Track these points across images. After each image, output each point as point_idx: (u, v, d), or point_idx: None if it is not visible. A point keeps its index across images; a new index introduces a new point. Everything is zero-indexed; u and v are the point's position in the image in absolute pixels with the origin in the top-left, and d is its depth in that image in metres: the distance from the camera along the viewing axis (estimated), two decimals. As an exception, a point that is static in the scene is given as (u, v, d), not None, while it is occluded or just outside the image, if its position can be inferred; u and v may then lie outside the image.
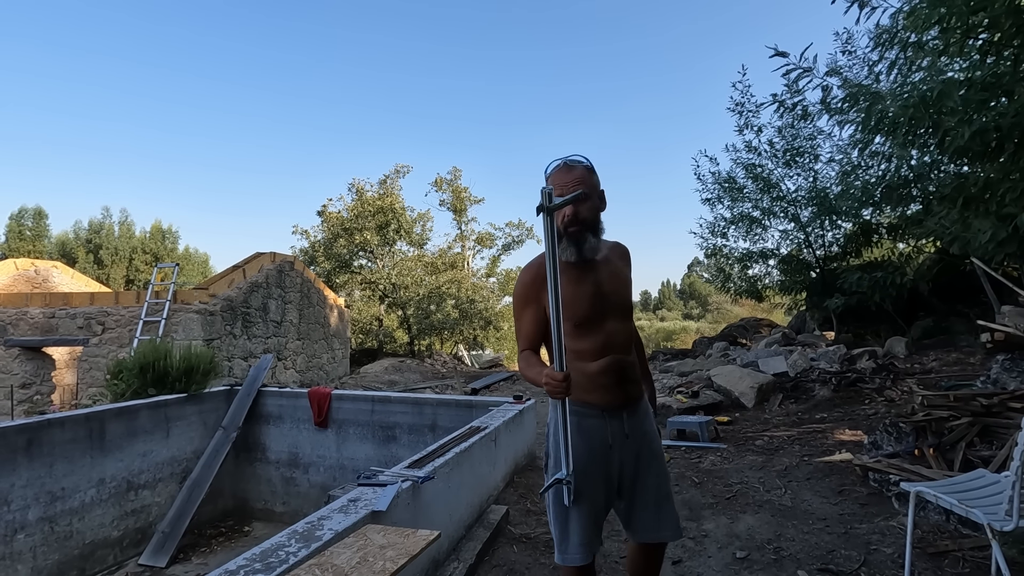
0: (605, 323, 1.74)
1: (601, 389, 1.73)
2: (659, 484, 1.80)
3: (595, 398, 1.74)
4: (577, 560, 1.71)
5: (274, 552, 1.85)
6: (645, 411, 1.85)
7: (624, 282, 1.79)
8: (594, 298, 1.73)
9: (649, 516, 1.78)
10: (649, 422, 1.84)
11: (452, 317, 17.48)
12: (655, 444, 1.83)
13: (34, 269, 11.85)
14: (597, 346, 1.72)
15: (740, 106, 9.96)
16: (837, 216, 9.53)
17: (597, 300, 1.73)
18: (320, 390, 5.24)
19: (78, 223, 29.91)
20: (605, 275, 1.76)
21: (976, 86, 4.06)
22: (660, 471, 1.81)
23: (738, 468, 4.32)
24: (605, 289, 1.74)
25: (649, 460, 1.80)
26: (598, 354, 1.73)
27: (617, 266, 1.80)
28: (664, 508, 1.79)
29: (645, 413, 1.84)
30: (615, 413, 1.74)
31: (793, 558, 2.83)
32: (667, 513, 1.80)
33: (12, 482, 3.66)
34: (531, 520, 3.46)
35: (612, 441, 1.74)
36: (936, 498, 2.26)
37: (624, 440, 1.75)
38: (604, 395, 1.73)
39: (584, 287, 1.73)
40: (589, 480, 1.71)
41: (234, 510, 5.37)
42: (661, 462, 1.83)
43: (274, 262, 10.57)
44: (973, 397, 3.82)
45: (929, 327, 8.40)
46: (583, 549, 1.71)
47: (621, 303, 1.76)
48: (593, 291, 1.73)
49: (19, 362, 8.41)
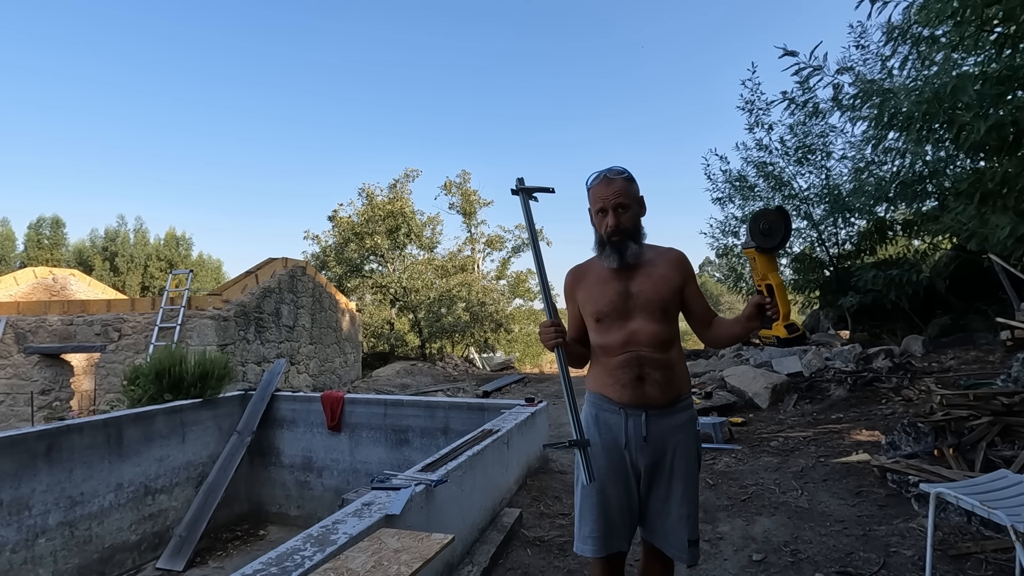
0: (629, 321, 1.74)
1: (618, 385, 1.74)
2: (677, 506, 1.71)
3: (612, 393, 1.76)
4: (585, 550, 1.74)
5: (290, 556, 1.86)
6: (678, 423, 1.74)
7: (660, 284, 1.75)
8: (615, 296, 1.75)
9: (662, 522, 1.74)
10: (682, 437, 1.74)
11: (463, 320, 17.52)
12: (684, 463, 1.73)
13: (52, 277, 12.06)
14: (618, 343, 1.74)
15: (750, 104, 9.91)
16: (850, 213, 9.43)
17: (620, 298, 1.75)
18: (333, 394, 5.27)
19: (94, 231, 30.35)
20: (641, 276, 1.76)
21: (991, 80, 4.00)
22: (684, 496, 1.71)
23: (753, 470, 4.27)
24: (632, 289, 1.75)
25: (670, 476, 1.72)
26: (618, 350, 1.74)
27: (658, 269, 1.77)
28: (679, 526, 1.71)
29: (677, 426, 1.74)
30: (633, 412, 1.73)
31: (811, 561, 2.79)
32: (680, 531, 1.71)
33: (33, 487, 3.71)
34: (544, 523, 3.45)
35: (627, 440, 1.72)
36: (957, 499, 2.22)
37: (642, 443, 1.72)
38: (621, 391, 1.74)
39: (609, 285, 1.78)
40: (601, 474, 1.73)
41: (249, 514, 5.41)
42: (687, 485, 1.73)
43: (286, 267, 10.66)
44: (993, 396, 3.75)
45: (947, 325, 8.28)
46: (592, 541, 1.73)
47: (649, 303, 1.73)
48: (617, 289, 1.76)
49: (39, 369, 8.56)
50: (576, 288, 1.86)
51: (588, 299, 1.81)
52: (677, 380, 1.76)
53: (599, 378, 1.81)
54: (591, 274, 1.84)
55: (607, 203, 1.74)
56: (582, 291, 1.85)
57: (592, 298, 1.79)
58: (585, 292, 1.83)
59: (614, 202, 1.73)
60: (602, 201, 1.75)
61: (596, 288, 1.79)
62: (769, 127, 9.95)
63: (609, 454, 1.75)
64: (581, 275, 1.87)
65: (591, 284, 1.82)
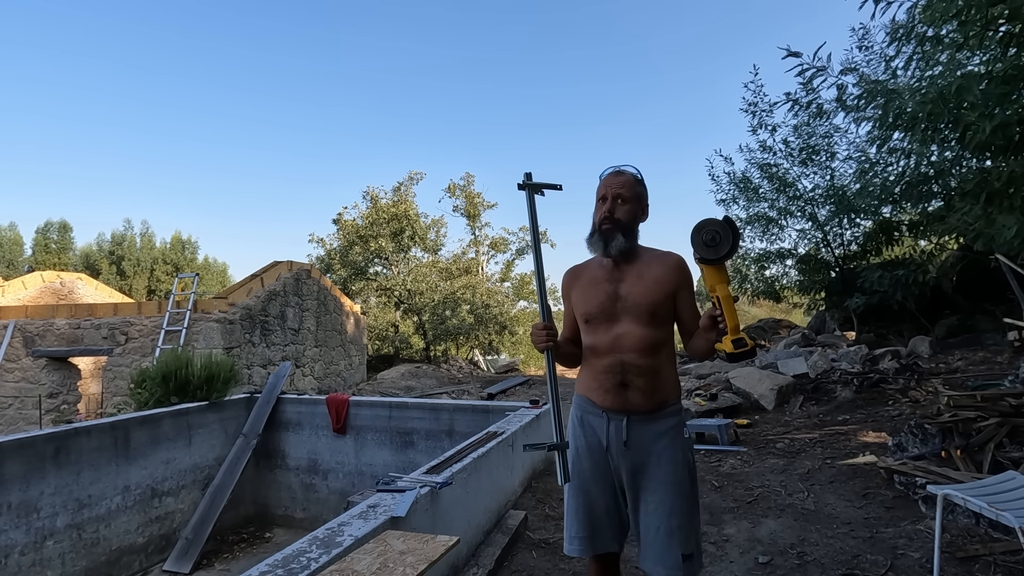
0: (615, 324, 1.73)
1: (601, 389, 1.75)
2: (664, 517, 1.64)
3: (596, 397, 1.77)
4: (572, 551, 1.76)
5: (296, 558, 1.87)
6: (661, 430, 1.70)
7: (651, 287, 1.72)
8: (604, 298, 1.75)
9: (649, 537, 1.67)
10: (666, 443, 1.69)
11: (467, 322, 17.53)
12: (669, 471, 1.67)
13: (60, 281, 12.15)
14: (604, 345, 1.74)
15: (753, 106, 9.87)
16: (856, 214, 9.38)
17: (608, 301, 1.75)
18: (338, 397, 5.29)
19: (101, 235, 30.63)
20: (631, 278, 1.75)
21: (997, 79, 3.98)
22: (672, 506, 1.64)
23: (759, 471, 4.26)
24: (622, 291, 1.74)
25: (654, 485, 1.67)
26: (604, 353, 1.75)
27: (653, 271, 1.74)
28: (669, 540, 1.63)
29: (660, 432, 1.70)
30: (615, 416, 1.73)
31: (817, 563, 2.78)
32: (669, 545, 1.62)
33: (41, 490, 3.74)
34: (549, 525, 3.45)
35: (608, 443, 1.73)
36: (965, 501, 2.21)
37: (622, 448, 1.70)
38: (603, 395, 1.74)
39: (598, 287, 1.78)
40: (584, 476, 1.76)
41: (255, 516, 5.43)
42: (675, 494, 1.65)
43: (291, 270, 10.70)
44: (1001, 397, 3.73)
45: (954, 325, 8.23)
46: (578, 541, 1.75)
47: (637, 306, 1.71)
48: (607, 291, 1.76)
49: (46, 372, 8.61)
50: (571, 287, 1.88)
51: (580, 299, 1.83)
52: (663, 387, 1.72)
53: (585, 381, 1.82)
54: (585, 274, 1.86)
55: (609, 191, 1.76)
56: (576, 291, 1.86)
57: (583, 299, 1.81)
58: (578, 292, 1.85)
59: (615, 191, 1.76)
60: (605, 188, 1.78)
61: (588, 289, 1.81)
62: (773, 128, 9.92)
63: (593, 455, 1.76)
64: (577, 275, 1.89)
65: (584, 284, 1.83)
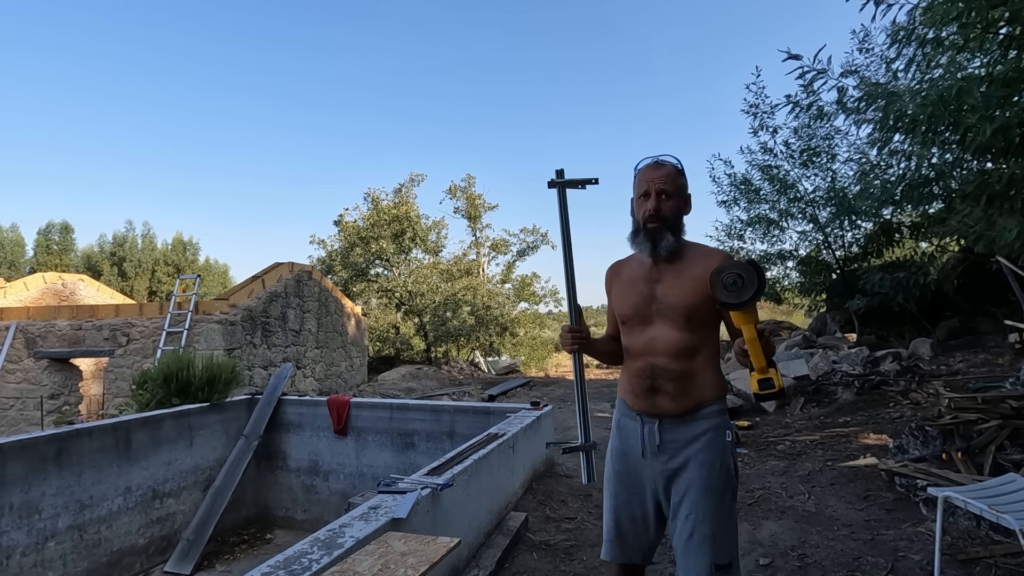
0: (649, 326, 1.67)
1: (633, 393, 1.72)
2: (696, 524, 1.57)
3: (629, 399, 1.74)
4: (603, 553, 1.74)
5: (297, 559, 1.87)
6: (697, 432, 1.63)
7: (688, 288, 1.62)
8: (640, 299, 1.69)
9: (680, 544, 1.60)
10: (701, 446, 1.61)
11: (468, 324, 17.52)
12: (703, 475, 1.59)
13: (61, 282, 12.17)
14: (637, 347, 1.70)
15: (754, 108, 9.88)
16: (856, 216, 9.38)
17: (643, 302, 1.68)
18: (339, 398, 5.29)
19: (103, 236, 30.62)
20: (669, 279, 1.66)
21: (997, 81, 3.98)
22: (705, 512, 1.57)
23: (760, 473, 4.26)
24: (658, 293, 1.66)
25: (687, 490, 1.60)
26: (637, 356, 1.70)
27: (693, 271, 1.63)
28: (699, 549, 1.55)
29: (696, 434, 1.62)
30: (648, 419, 1.68)
31: (818, 565, 2.78)
32: (700, 554, 1.56)
33: (43, 491, 3.75)
34: (550, 527, 3.45)
35: (644, 447, 1.68)
36: (965, 503, 2.21)
37: (656, 452, 1.65)
38: (635, 398, 1.72)
39: (636, 287, 1.71)
40: (616, 478, 1.73)
41: (256, 518, 5.43)
42: (709, 500, 1.57)
43: (292, 272, 10.71)
44: (1002, 399, 3.72)
45: (955, 327, 8.22)
46: (608, 545, 1.73)
47: (672, 308, 1.63)
48: (642, 292, 1.69)
49: (48, 373, 8.62)
50: (612, 285, 1.81)
51: (617, 299, 1.77)
52: (697, 390, 1.63)
53: (623, 383, 1.78)
54: (626, 271, 1.78)
55: (651, 186, 1.65)
56: (615, 289, 1.79)
57: (620, 298, 1.75)
58: (617, 290, 1.78)
59: (659, 186, 1.64)
60: (647, 184, 1.66)
61: (626, 288, 1.74)
62: (774, 130, 9.93)
63: (625, 459, 1.72)
64: (618, 272, 1.81)
65: (623, 283, 1.76)
